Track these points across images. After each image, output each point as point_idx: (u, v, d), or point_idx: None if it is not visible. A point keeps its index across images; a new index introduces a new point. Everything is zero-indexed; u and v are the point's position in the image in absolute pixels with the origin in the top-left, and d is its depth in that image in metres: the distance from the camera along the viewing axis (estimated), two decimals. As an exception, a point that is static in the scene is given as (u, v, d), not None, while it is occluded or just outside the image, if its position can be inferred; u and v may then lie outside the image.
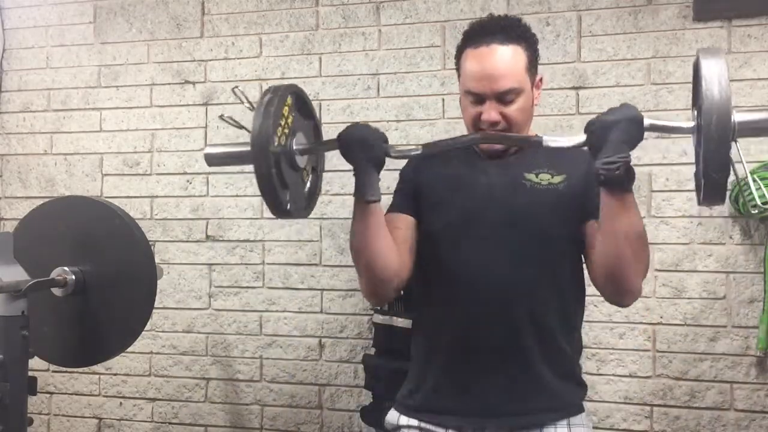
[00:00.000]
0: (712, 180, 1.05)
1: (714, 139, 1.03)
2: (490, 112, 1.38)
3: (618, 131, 1.17)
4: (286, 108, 1.23)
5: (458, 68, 1.49)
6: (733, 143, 1.06)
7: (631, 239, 1.26)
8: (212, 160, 1.34)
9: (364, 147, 1.29)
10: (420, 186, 1.51)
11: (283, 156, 1.22)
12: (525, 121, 1.44)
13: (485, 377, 1.40)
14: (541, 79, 1.48)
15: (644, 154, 2.04)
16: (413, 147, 1.33)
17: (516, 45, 1.40)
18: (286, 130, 1.23)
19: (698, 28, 2.03)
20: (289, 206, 1.26)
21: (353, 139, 1.30)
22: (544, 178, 1.41)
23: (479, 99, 1.40)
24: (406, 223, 1.49)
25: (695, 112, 1.18)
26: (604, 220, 1.28)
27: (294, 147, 1.26)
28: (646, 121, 1.17)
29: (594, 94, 2.09)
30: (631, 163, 1.19)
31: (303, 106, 1.35)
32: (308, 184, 1.40)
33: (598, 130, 1.18)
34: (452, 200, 1.45)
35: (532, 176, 1.41)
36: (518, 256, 1.39)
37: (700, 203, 1.13)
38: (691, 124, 1.17)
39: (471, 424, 1.41)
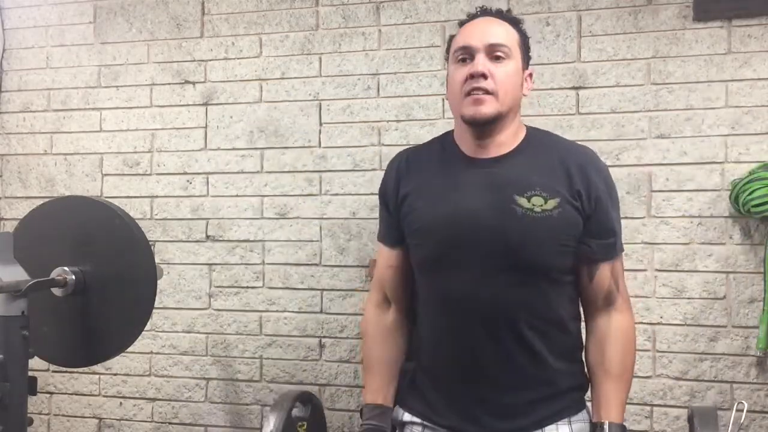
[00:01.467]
0: None
1: None
2: (477, 65, 1.35)
3: None
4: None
5: (449, 51, 1.46)
6: None
7: None
8: None
9: None
10: (402, 207, 1.48)
11: None
12: (512, 93, 1.39)
13: (481, 391, 1.40)
14: (531, 75, 1.47)
15: (644, 154, 2.04)
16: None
17: (508, 24, 1.43)
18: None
19: (698, 28, 2.03)
20: None
21: None
22: (537, 203, 1.35)
23: (469, 54, 1.38)
24: (399, 259, 1.52)
25: None
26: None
27: None
28: None
29: (594, 94, 2.09)
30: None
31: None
32: None
33: None
34: (437, 224, 1.40)
35: (523, 201, 1.35)
36: (511, 286, 1.36)
37: None
38: None
39: (473, 428, 1.41)
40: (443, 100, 2.19)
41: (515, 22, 1.46)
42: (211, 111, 2.39)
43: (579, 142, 2.07)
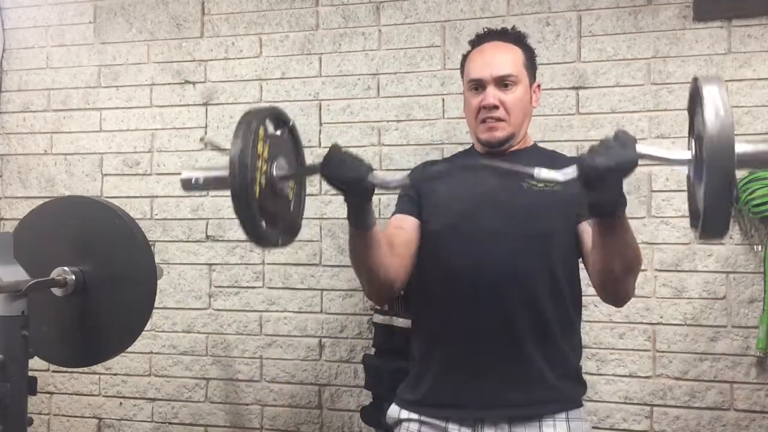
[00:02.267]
0: (717, 214, 0.99)
1: (718, 172, 0.96)
2: (489, 97, 1.48)
3: (611, 178, 1.12)
4: (263, 132, 1.17)
5: (462, 73, 1.60)
6: None
7: (623, 257, 1.30)
8: (188, 185, 1.25)
9: (351, 181, 1.22)
10: (423, 189, 1.56)
11: (263, 177, 1.16)
12: (522, 114, 1.53)
13: (484, 372, 1.42)
14: (539, 86, 1.59)
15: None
16: (400, 179, 1.28)
17: (514, 45, 1.55)
18: (266, 155, 1.16)
19: (698, 28, 2.03)
20: (271, 236, 1.20)
21: (338, 173, 1.22)
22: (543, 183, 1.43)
23: (480, 85, 1.51)
24: (409, 224, 1.54)
25: (692, 142, 1.13)
26: (595, 240, 1.30)
27: (274, 173, 1.19)
28: (640, 153, 1.11)
29: (594, 94, 2.09)
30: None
31: (282, 127, 1.29)
32: (291, 209, 1.32)
33: (591, 174, 1.11)
34: (452, 202, 1.49)
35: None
36: (516, 255, 1.42)
37: (699, 237, 1.04)
38: (689, 155, 1.11)
39: (470, 416, 1.42)
40: (443, 100, 2.19)
41: (520, 40, 1.57)
42: (211, 111, 2.39)
43: (579, 143, 2.08)
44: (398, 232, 1.52)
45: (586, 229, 1.42)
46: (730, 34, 2.01)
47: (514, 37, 1.57)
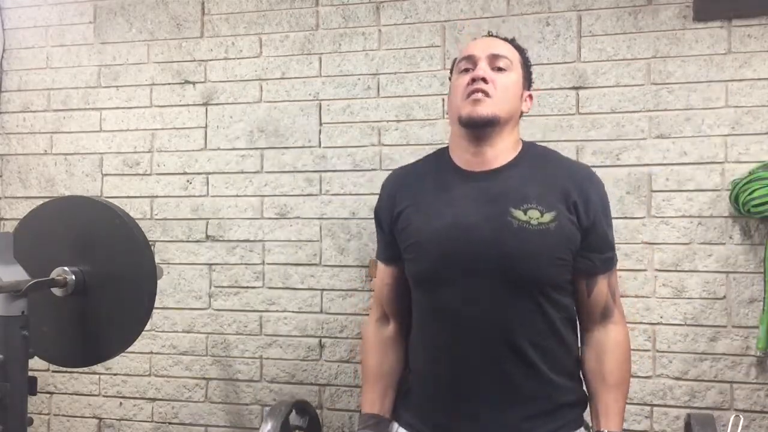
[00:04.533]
0: None
1: None
2: (479, 70, 1.40)
3: None
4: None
5: (453, 72, 1.53)
6: None
7: None
8: None
9: None
10: (397, 223, 1.48)
11: None
12: (509, 103, 1.42)
13: (478, 415, 1.39)
14: (530, 96, 1.51)
15: (644, 154, 2.04)
16: None
17: (511, 46, 1.50)
18: None
19: (698, 28, 2.03)
20: None
21: None
22: (533, 216, 1.35)
23: (472, 62, 1.43)
24: (393, 275, 1.53)
25: None
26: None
27: None
28: None
29: (594, 94, 2.09)
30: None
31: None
32: None
33: None
34: (432, 238, 1.39)
35: (519, 213, 1.35)
36: (507, 300, 1.35)
37: None
38: None
39: None
40: (443, 100, 2.19)
41: (519, 48, 1.52)
42: (211, 111, 2.39)
43: (579, 143, 2.08)
44: (386, 289, 1.54)
45: (586, 271, 1.41)
46: (730, 34, 2.01)
47: (513, 44, 1.52)
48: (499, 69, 1.41)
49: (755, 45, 1.99)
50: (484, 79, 1.38)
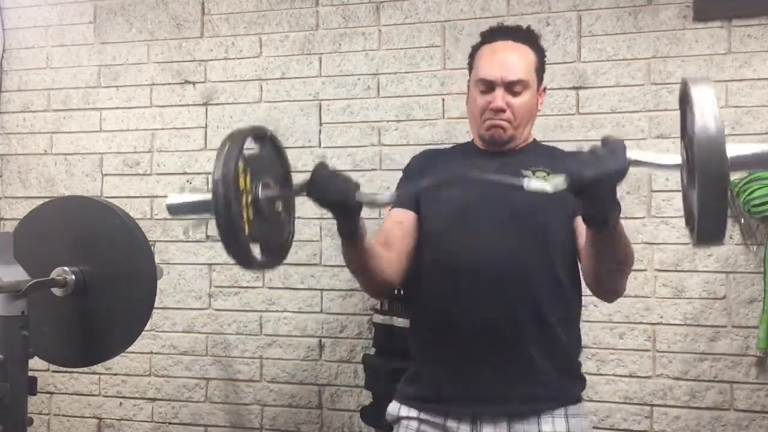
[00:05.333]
0: (711, 219, 0.94)
1: (709, 176, 0.92)
2: (498, 100, 1.46)
3: (602, 188, 1.10)
4: (246, 154, 1.12)
5: (471, 66, 1.57)
6: None
7: (615, 260, 1.31)
8: (174, 210, 1.24)
9: (338, 202, 1.22)
10: (421, 192, 1.54)
11: (249, 208, 1.11)
12: (527, 118, 1.52)
13: (483, 368, 1.42)
14: (544, 89, 1.57)
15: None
16: (388, 195, 1.26)
17: (527, 46, 1.52)
18: (248, 182, 1.12)
19: (698, 28, 2.03)
20: (260, 258, 1.17)
21: (325, 194, 1.21)
22: (541, 176, 1.42)
23: (490, 86, 1.48)
24: (407, 218, 1.53)
25: (683, 146, 1.10)
26: (588, 243, 1.30)
27: (260, 194, 1.15)
28: (630, 159, 1.10)
29: (594, 94, 2.09)
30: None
31: (267, 145, 1.24)
32: (282, 231, 1.28)
33: (580, 186, 1.09)
34: (451, 197, 1.47)
35: (528, 173, 1.42)
36: (516, 252, 1.42)
37: (695, 244, 1.00)
38: (679, 159, 1.08)
39: (469, 411, 1.43)
40: (443, 100, 2.19)
41: (533, 40, 1.54)
42: (211, 111, 2.39)
43: (579, 143, 2.08)
44: (396, 227, 1.52)
45: (580, 224, 1.41)
46: (730, 34, 2.01)
47: (528, 37, 1.54)
48: (516, 93, 1.48)
49: (755, 45, 1.99)
50: (502, 110, 1.46)
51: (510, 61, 1.49)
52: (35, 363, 1.59)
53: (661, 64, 2.05)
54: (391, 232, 1.52)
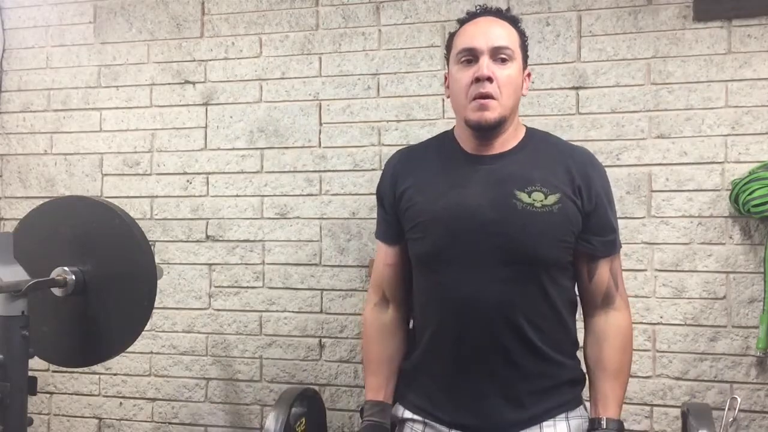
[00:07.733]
0: None
1: None
2: (483, 68, 1.36)
3: None
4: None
5: (450, 49, 1.48)
6: None
7: None
8: None
9: None
10: (400, 203, 1.49)
11: None
12: (513, 97, 1.41)
13: (481, 392, 1.40)
14: (529, 74, 1.49)
15: (644, 154, 2.04)
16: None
17: (509, 24, 1.45)
18: None
19: (698, 28, 2.03)
20: None
21: None
22: (538, 198, 1.36)
23: (473, 56, 1.39)
24: (395, 256, 1.53)
25: None
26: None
27: None
28: None
29: (594, 94, 2.09)
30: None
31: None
32: None
33: None
34: (437, 218, 1.40)
35: (524, 195, 1.37)
36: (506, 284, 1.36)
37: None
38: None
39: (472, 424, 1.41)
40: (443, 100, 2.19)
41: (515, 22, 1.48)
42: (211, 111, 2.39)
43: (579, 143, 2.08)
44: (388, 271, 1.53)
45: (587, 254, 1.42)
46: (730, 34, 2.01)
47: (510, 18, 1.47)
48: (502, 60, 1.39)
49: (755, 45, 1.99)
50: (489, 78, 1.36)
51: (493, 29, 1.41)
52: (35, 363, 1.59)
53: (661, 64, 2.05)
54: (386, 280, 1.54)
